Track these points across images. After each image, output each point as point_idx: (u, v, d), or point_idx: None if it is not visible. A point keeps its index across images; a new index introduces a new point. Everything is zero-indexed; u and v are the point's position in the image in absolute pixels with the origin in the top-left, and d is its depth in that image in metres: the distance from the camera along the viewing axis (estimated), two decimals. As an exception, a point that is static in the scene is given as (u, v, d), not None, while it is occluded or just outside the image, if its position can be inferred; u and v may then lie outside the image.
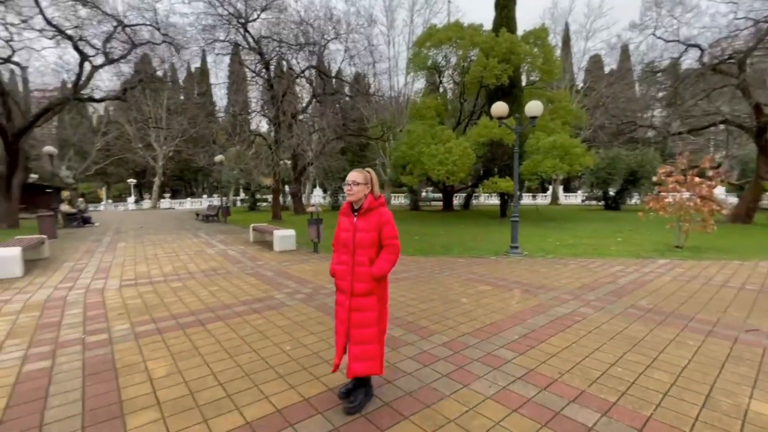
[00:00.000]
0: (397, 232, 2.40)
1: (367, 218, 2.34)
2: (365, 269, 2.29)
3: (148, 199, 39.75)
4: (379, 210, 2.36)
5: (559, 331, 3.71)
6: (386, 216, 2.36)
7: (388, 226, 2.35)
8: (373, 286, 2.31)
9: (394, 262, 2.36)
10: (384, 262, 2.32)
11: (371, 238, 2.32)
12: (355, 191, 2.34)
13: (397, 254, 2.37)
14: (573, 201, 35.15)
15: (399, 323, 3.96)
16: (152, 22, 15.14)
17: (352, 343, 2.31)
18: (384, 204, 2.42)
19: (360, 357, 2.28)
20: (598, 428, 2.19)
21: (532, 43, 19.09)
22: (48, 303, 4.77)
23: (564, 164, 15.30)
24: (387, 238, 2.35)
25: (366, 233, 2.32)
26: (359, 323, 2.30)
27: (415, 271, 6.60)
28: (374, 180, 2.42)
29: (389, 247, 2.35)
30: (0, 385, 2.72)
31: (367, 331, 2.30)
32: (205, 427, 2.21)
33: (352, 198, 2.36)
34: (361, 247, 2.31)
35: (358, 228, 2.33)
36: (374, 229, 2.32)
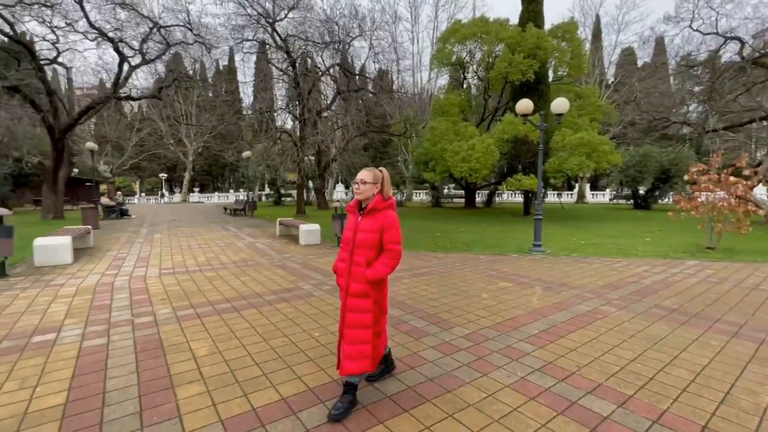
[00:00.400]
0: (400, 237, 2.32)
1: (372, 219, 2.28)
2: (361, 270, 2.25)
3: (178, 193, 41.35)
4: (385, 212, 2.29)
5: (579, 328, 3.77)
6: (391, 219, 2.29)
7: (393, 230, 2.28)
8: (368, 289, 2.25)
9: (393, 267, 2.29)
10: (381, 265, 2.25)
11: (372, 240, 2.26)
12: (363, 190, 2.29)
13: (397, 260, 2.31)
14: (600, 200, 34.16)
15: (421, 315, 4.11)
16: (185, 23, 15.77)
17: (345, 342, 2.27)
18: (392, 206, 2.36)
19: (353, 356, 2.24)
20: (613, 418, 2.29)
21: (560, 38, 18.66)
22: (98, 287, 5.20)
23: (591, 162, 14.96)
24: (389, 243, 2.28)
25: (367, 234, 2.26)
26: (353, 324, 2.26)
27: (436, 266, 6.73)
28: (386, 180, 2.35)
29: (390, 252, 2.28)
30: (66, 357, 3.07)
31: (362, 332, 2.25)
32: (245, 401, 2.45)
33: (360, 197, 2.31)
34: (360, 248, 2.27)
35: (360, 228, 2.28)
36: (377, 230, 2.26)
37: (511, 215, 18.87)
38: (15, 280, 5.56)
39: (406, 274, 6.05)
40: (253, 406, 2.39)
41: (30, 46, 13.33)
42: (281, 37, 14.75)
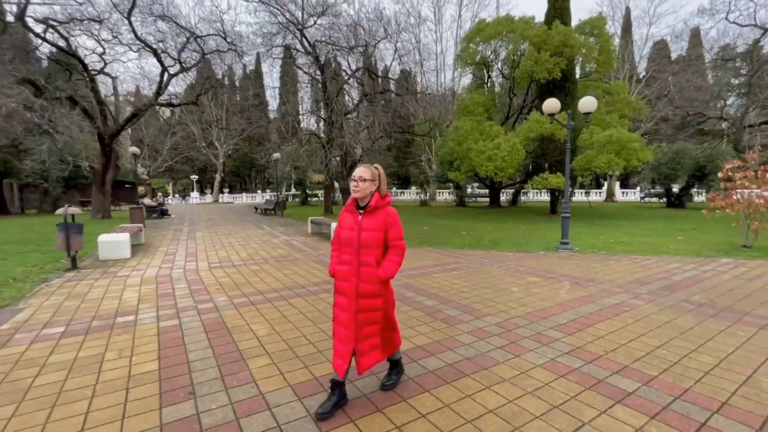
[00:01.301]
0: (402, 233, 2.35)
1: (373, 217, 2.26)
2: (371, 270, 2.22)
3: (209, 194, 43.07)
4: (385, 209, 2.29)
5: (606, 318, 3.97)
6: (393, 216, 2.30)
7: (396, 226, 2.29)
8: (380, 288, 2.25)
9: (400, 264, 2.31)
10: (391, 263, 2.26)
11: (377, 238, 2.24)
12: (362, 188, 2.25)
13: (403, 256, 2.33)
14: (631, 198, 33.17)
15: (453, 305, 4.41)
16: (220, 32, 16.58)
17: (359, 341, 2.25)
18: (390, 203, 2.36)
19: (367, 350, 2.27)
20: (637, 393, 2.53)
21: (588, 33, 18.41)
22: (158, 279, 5.78)
23: (620, 159, 14.75)
24: (393, 239, 2.29)
25: (372, 233, 2.24)
26: (366, 321, 2.26)
27: (465, 262, 6.99)
28: (382, 177, 2.33)
29: (396, 249, 2.29)
30: (148, 334, 3.56)
31: (372, 328, 2.29)
32: (307, 371, 2.83)
33: (359, 195, 2.27)
34: (367, 247, 2.23)
35: (363, 227, 2.25)
36: (380, 228, 2.25)
37: (537, 214, 18.75)
38: (86, 272, 6.24)
39: (436, 269, 6.36)
40: (315, 375, 2.78)
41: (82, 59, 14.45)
42: (310, 42, 15.32)
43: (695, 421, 2.23)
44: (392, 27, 17.85)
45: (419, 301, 4.60)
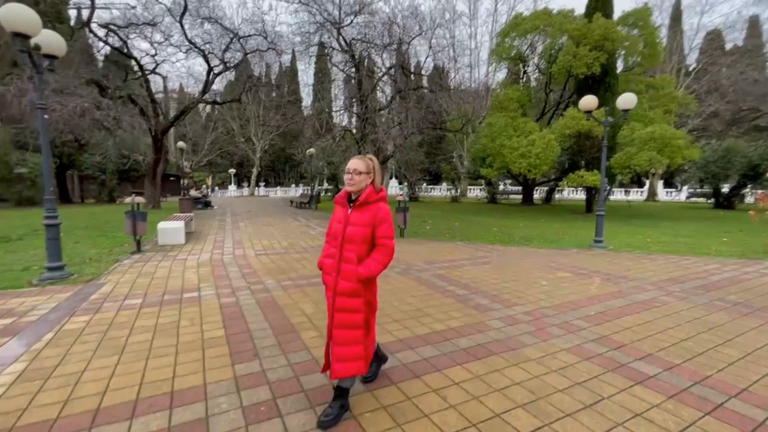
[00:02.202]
0: (393, 232, 2.20)
1: (363, 212, 2.13)
2: (352, 267, 2.09)
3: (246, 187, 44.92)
4: (377, 205, 2.14)
5: (635, 312, 4.09)
6: (384, 212, 2.14)
7: (385, 224, 2.14)
8: (359, 287, 2.10)
9: (386, 265, 2.15)
10: (374, 262, 2.11)
11: (363, 234, 2.11)
12: (357, 181, 2.13)
13: (390, 256, 2.16)
14: (675, 198, 31.48)
15: (484, 295, 4.66)
16: (261, 32, 17.35)
17: (335, 344, 2.12)
18: (384, 198, 2.21)
19: (343, 358, 2.10)
20: (658, 377, 2.71)
21: (632, 25, 17.71)
22: (213, 262, 6.39)
23: (662, 157, 14.22)
24: (381, 237, 2.13)
25: (358, 228, 2.11)
26: (343, 324, 2.11)
27: (496, 257, 7.17)
28: (377, 169, 2.20)
29: (382, 248, 2.14)
30: (212, 307, 4.08)
31: (352, 332, 2.12)
32: (352, 343, 3.21)
33: (352, 188, 2.15)
34: (350, 242, 2.11)
35: (350, 221, 2.13)
36: (368, 224, 2.12)
37: (572, 212, 18.35)
38: (149, 255, 6.97)
39: (467, 263, 6.59)
40: (359, 347, 3.15)
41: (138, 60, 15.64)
42: (346, 41, 15.76)
43: (712, 402, 2.40)
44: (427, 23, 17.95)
45: (451, 290, 4.88)
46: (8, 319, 3.68)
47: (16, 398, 2.36)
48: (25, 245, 8.08)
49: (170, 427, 2.10)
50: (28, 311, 3.92)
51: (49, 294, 4.53)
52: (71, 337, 3.27)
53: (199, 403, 2.32)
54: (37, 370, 2.72)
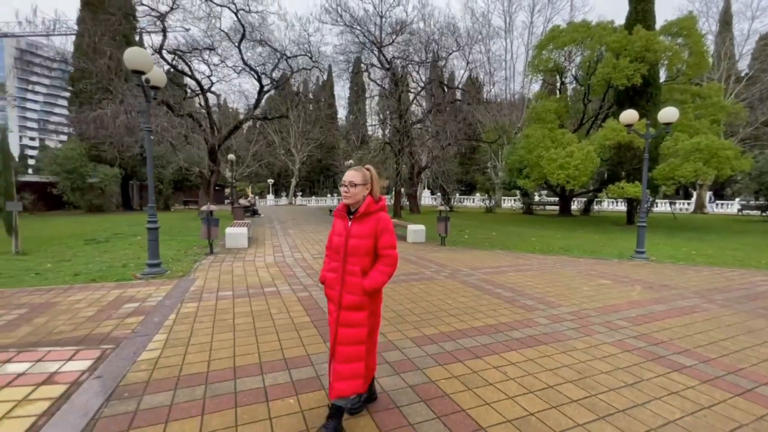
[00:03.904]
0: (396, 241, 2.19)
1: (363, 223, 2.11)
2: (356, 280, 2.06)
3: (285, 197, 46.89)
4: (377, 215, 2.13)
5: (675, 316, 4.39)
6: (385, 222, 2.13)
7: (387, 234, 2.12)
8: (365, 300, 2.08)
9: (390, 275, 2.14)
10: (379, 274, 2.09)
11: (366, 246, 2.09)
12: (353, 193, 2.10)
13: (394, 267, 2.14)
14: (726, 210, 29.85)
15: (529, 297, 5.09)
16: (307, 52, 18.60)
17: (336, 362, 2.07)
18: (384, 208, 2.20)
19: (344, 376, 2.05)
20: (694, 367, 3.08)
21: (675, 34, 17.46)
22: (278, 264, 7.19)
23: (709, 168, 13.88)
24: (384, 248, 2.12)
25: (360, 240, 2.08)
26: (346, 340, 2.07)
27: (537, 264, 7.52)
28: (375, 179, 2.16)
29: (386, 258, 2.12)
30: (292, 300, 4.78)
31: (355, 349, 2.08)
32: (417, 331, 3.78)
33: (349, 201, 2.12)
34: (354, 255, 2.08)
35: (351, 233, 2.10)
36: (370, 236, 2.09)
37: (612, 224, 18.06)
38: (221, 256, 7.90)
39: (510, 269, 7.00)
40: (424, 333, 3.71)
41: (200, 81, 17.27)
42: (387, 59, 16.64)
43: (742, 387, 2.76)
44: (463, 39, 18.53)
45: (497, 292, 5.34)
46: (135, 303, 4.55)
47: (172, 357, 3.11)
48: (113, 246, 9.30)
49: (293, 381, 2.74)
50: (146, 298, 4.79)
51: (156, 286, 5.43)
52: (190, 318, 4.06)
53: (308, 366, 2.97)
54: (176, 339, 3.48)
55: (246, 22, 16.29)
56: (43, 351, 3.15)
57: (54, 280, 5.81)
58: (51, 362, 2.95)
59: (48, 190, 21.93)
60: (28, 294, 4.94)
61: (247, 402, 2.45)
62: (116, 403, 2.43)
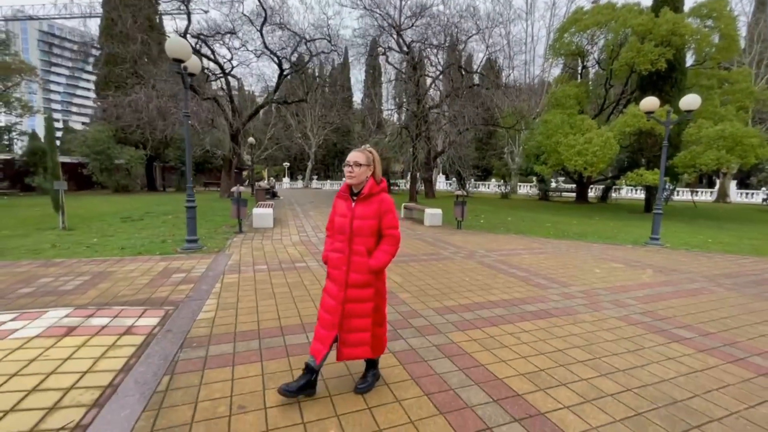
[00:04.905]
0: (398, 221, 2.28)
1: (367, 204, 2.18)
2: (363, 259, 2.16)
3: (300, 180, 47.56)
4: (380, 196, 2.21)
5: (682, 297, 4.66)
6: (388, 203, 2.21)
7: (390, 214, 2.21)
8: (371, 278, 2.19)
9: (394, 254, 2.24)
10: (383, 253, 2.19)
11: (370, 226, 2.17)
12: (357, 173, 2.16)
13: (397, 245, 2.25)
14: (750, 200, 29.11)
15: (542, 277, 5.41)
16: (326, 36, 18.69)
17: (344, 331, 2.19)
18: (385, 189, 2.28)
19: (351, 343, 2.20)
20: (692, 339, 3.38)
21: (705, 16, 16.88)
22: (303, 242, 7.64)
23: (732, 157, 13.70)
24: (387, 228, 2.21)
25: (365, 221, 2.16)
26: (354, 314, 2.19)
27: (551, 248, 7.79)
28: (377, 161, 2.23)
29: (389, 238, 2.22)
30: (322, 274, 5.21)
31: (363, 321, 2.20)
32: (438, 302, 4.16)
33: (353, 181, 2.18)
34: (359, 236, 2.17)
35: (356, 214, 2.18)
36: (374, 216, 2.17)
37: (629, 212, 17.99)
38: (249, 235, 8.40)
39: (525, 252, 7.30)
40: (444, 305, 4.09)
41: (222, 65, 17.63)
42: (406, 43, 16.63)
43: (736, 357, 3.07)
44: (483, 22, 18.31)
45: (512, 272, 5.67)
46: (182, 274, 5.06)
47: (226, 318, 3.57)
48: (148, 224, 9.91)
49: (333, 338, 3.16)
50: (191, 269, 5.30)
51: (197, 259, 5.94)
52: (234, 287, 4.53)
53: (344, 328, 3.38)
54: (226, 304, 3.95)
55: (267, 6, 16.45)
56: (116, 309, 3.65)
57: (104, 252, 6.39)
58: (126, 318, 3.45)
59: (78, 171, 22.93)
60: (86, 264, 5.51)
61: (296, 353, 2.89)
62: (188, 350, 2.90)
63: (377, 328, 2.30)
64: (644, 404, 2.34)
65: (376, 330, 2.28)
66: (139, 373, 2.53)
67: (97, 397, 2.25)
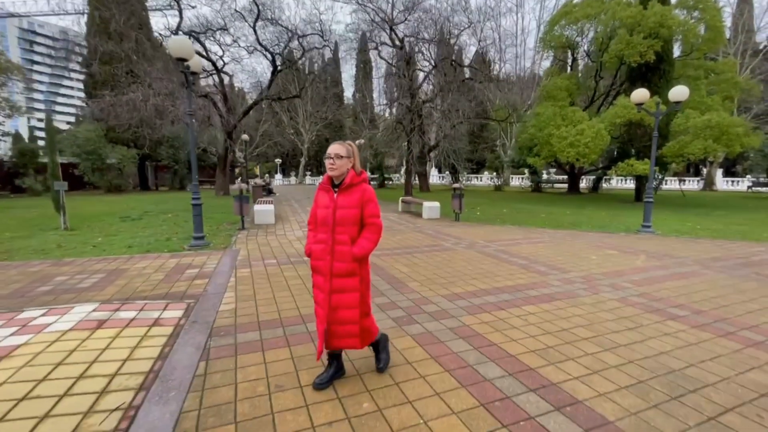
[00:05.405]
0: (379, 210, 2.34)
1: (349, 194, 2.24)
2: (346, 248, 2.20)
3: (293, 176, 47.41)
4: (361, 186, 2.27)
5: (674, 280, 4.93)
6: (369, 193, 2.28)
7: (371, 203, 2.27)
8: (355, 267, 2.23)
9: (377, 242, 2.30)
10: (366, 241, 2.25)
11: (353, 216, 2.23)
12: (338, 165, 2.22)
13: (379, 233, 2.31)
14: (736, 187, 29.88)
15: (542, 264, 5.64)
16: (318, 31, 18.67)
17: (332, 323, 2.25)
18: (367, 180, 2.34)
19: (340, 335, 2.27)
20: (685, 316, 3.63)
21: (692, 7, 17.24)
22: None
23: (719, 146, 14.10)
24: (369, 216, 2.27)
25: (347, 210, 2.22)
26: (341, 304, 2.24)
27: (548, 238, 8.05)
28: (356, 153, 2.31)
29: (371, 226, 2.28)
30: (331, 267, 5.38)
31: (349, 312, 2.25)
32: (447, 290, 4.36)
33: (334, 173, 2.23)
34: (342, 225, 2.21)
35: (338, 205, 2.22)
36: (356, 206, 2.23)
37: (620, 201, 18.41)
38: (252, 231, 8.52)
39: (523, 241, 7.54)
40: (453, 292, 4.30)
41: (215, 62, 17.52)
42: (399, 38, 16.69)
43: (726, 331, 3.32)
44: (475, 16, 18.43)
45: (513, 261, 5.90)
46: (195, 269, 5.19)
47: (247, 308, 3.73)
48: (149, 223, 9.96)
49: (352, 324, 3.34)
50: (202, 265, 5.42)
51: (206, 255, 6.06)
52: (248, 280, 4.68)
53: (361, 315, 3.56)
54: (244, 296, 4.10)
55: (260, 2, 16.36)
56: (140, 303, 3.78)
57: (111, 251, 6.47)
58: (151, 311, 3.58)
59: (69, 171, 22.62)
60: (98, 262, 5.60)
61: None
62: (217, 338, 3.06)
63: (364, 319, 2.35)
64: (645, 374, 2.57)
65: (363, 321, 2.34)
66: (176, 360, 2.69)
67: (142, 382, 2.41)
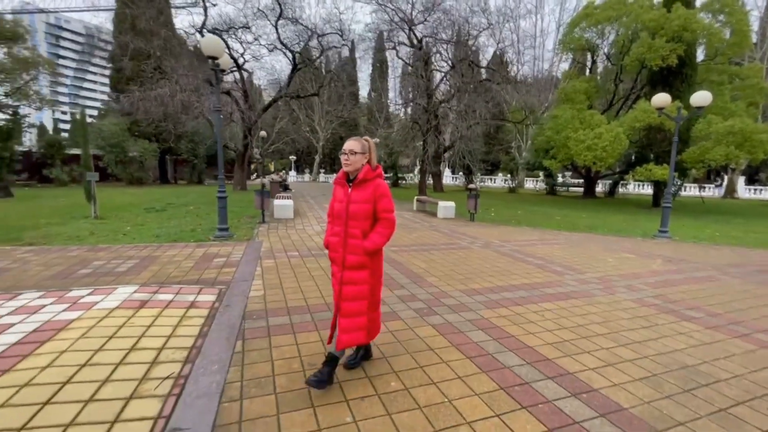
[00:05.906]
0: (393, 205, 2.37)
1: (363, 189, 2.27)
2: (358, 242, 2.25)
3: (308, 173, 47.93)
4: (375, 182, 2.30)
5: (690, 283, 4.97)
6: (383, 188, 2.30)
7: (385, 198, 2.30)
8: (366, 260, 2.27)
9: (389, 237, 2.33)
10: (378, 236, 2.28)
11: (365, 210, 2.26)
12: (353, 161, 2.26)
13: (392, 228, 2.34)
14: (758, 196, 29.12)
15: (558, 265, 5.73)
16: (337, 30, 18.90)
17: (341, 316, 2.28)
18: (381, 175, 2.36)
19: (348, 329, 2.27)
20: (701, 318, 3.71)
21: (717, 11, 16.94)
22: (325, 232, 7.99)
23: (741, 152, 13.85)
24: (382, 212, 2.30)
25: (360, 205, 2.26)
26: (350, 296, 2.28)
27: (563, 239, 8.10)
28: (372, 149, 2.33)
29: (384, 221, 2.31)
30: (351, 260, 5.57)
31: (358, 303, 2.29)
32: (465, 285, 4.50)
33: (350, 168, 2.27)
34: (354, 219, 2.26)
35: (352, 199, 2.27)
36: (369, 201, 2.27)
37: (637, 206, 18.20)
38: (273, 225, 8.78)
39: (538, 243, 7.62)
40: (471, 287, 4.44)
41: (237, 59, 17.93)
42: (418, 39, 16.81)
43: (740, 333, 3.39)
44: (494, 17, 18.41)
45: (529, 260, 6.00)
46: (222, 258, 5.44)
47: (275, 295, 3.94)
48: (173, 215, 10.33)
49: (376, 313, 3.52)
50: (229, 255, 5.68)
51: (231, 246, 6.32)
52: (273, 270, 4.90)
53: (385, 305, 3.74)
54: (271, 284, 4.32)
55: (282, 0, 16.67)
56: (176, 287, 4.03)
57: (141, 239, 6.78)
58: (187, 294, 3.83)
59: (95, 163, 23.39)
60: (130, 249, 5.90)
61: (346, 325, 3.24)
62: (251, 321, 3.27)
63: (372, 312, 2.40)
64: (659, 368, 2.68)
65: (371, 314, 2.39)
66: (214, 338, 2.91)
67: (187, 355, 2.63)
